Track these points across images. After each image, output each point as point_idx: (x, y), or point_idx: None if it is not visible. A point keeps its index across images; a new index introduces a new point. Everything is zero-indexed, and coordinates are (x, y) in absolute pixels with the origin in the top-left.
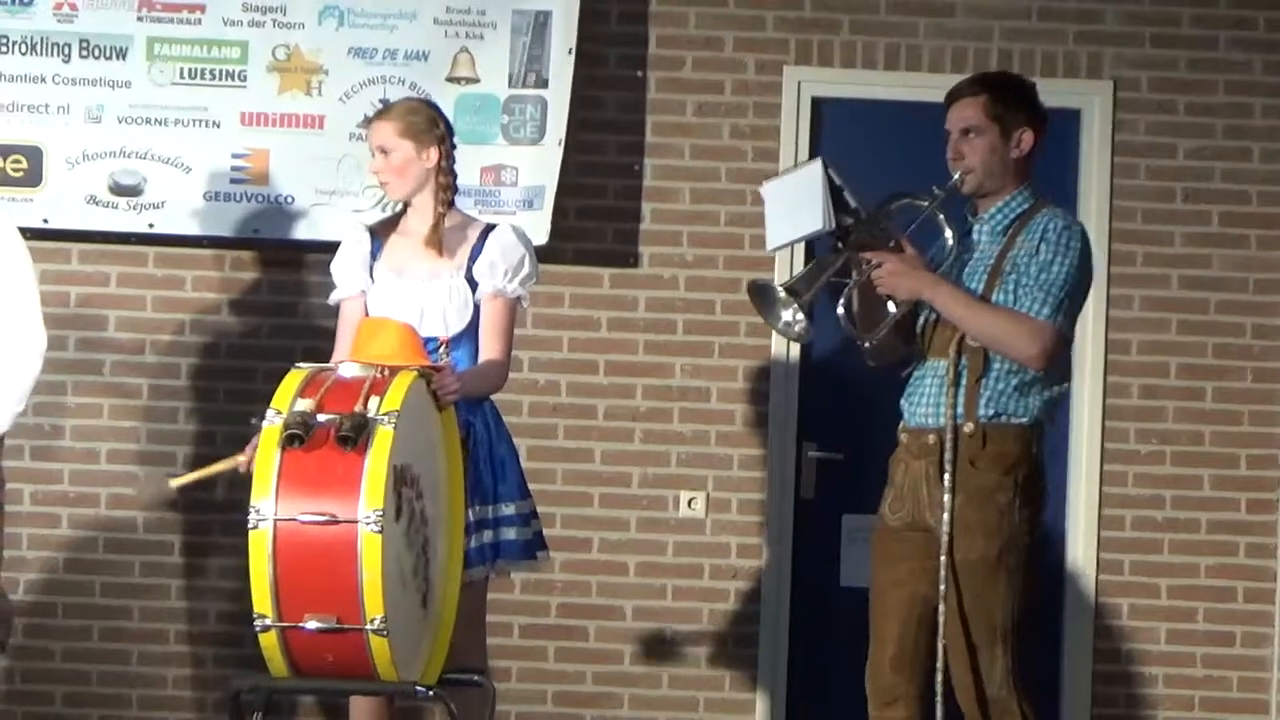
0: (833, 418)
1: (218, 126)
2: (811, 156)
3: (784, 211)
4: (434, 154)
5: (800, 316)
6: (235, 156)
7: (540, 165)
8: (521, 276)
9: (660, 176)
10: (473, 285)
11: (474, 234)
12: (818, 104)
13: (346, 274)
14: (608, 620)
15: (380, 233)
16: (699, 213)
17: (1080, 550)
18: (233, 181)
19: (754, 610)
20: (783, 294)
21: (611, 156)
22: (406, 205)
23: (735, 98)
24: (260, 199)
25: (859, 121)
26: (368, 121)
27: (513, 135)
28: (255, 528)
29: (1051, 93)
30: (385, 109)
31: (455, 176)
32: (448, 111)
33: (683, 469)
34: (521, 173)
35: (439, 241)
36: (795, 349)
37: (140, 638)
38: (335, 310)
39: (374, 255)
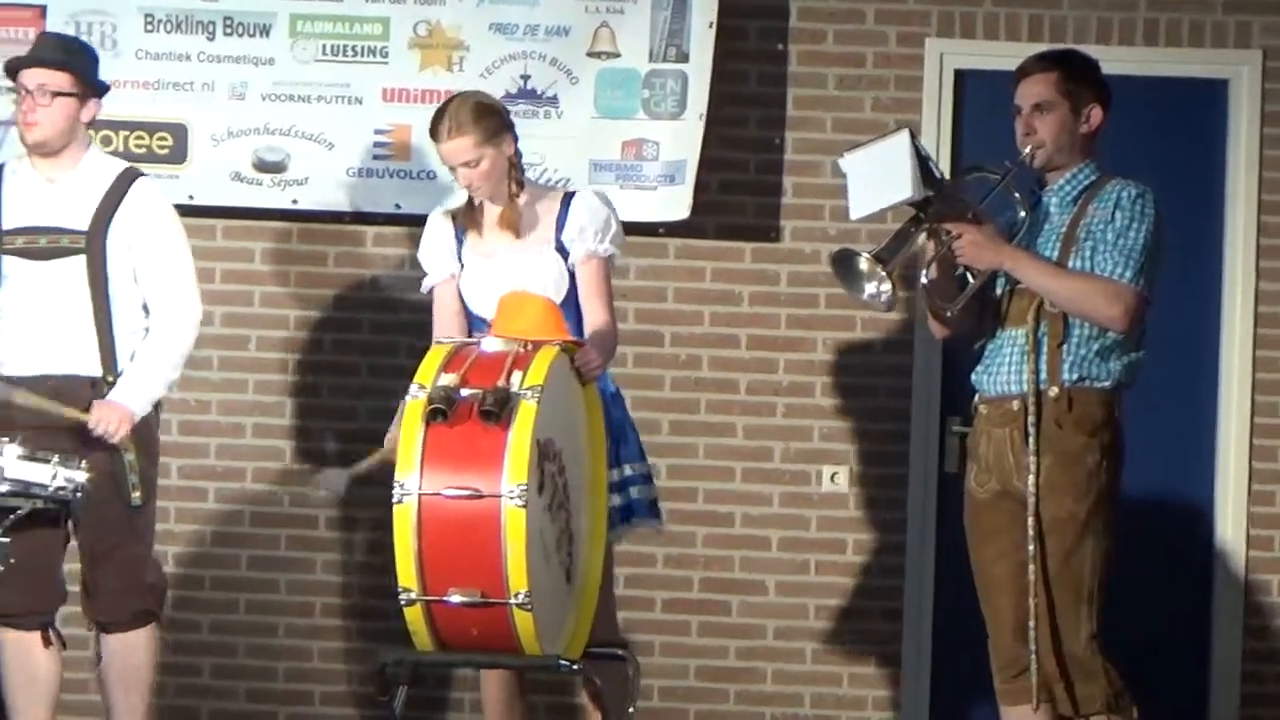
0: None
1: (360, 103)
2: (954, 130)
3: (869, 181)
4: (510, 144)
5: (887, 286)
6: (377, 133)
7: (681, 139)
8: (611, 235)
9: (802, 150)
10: (563, 254)
11: (555, 203)
12: (960, 76)
13: (435, 260)
14: (750, 595)
15: (461, 218)
16: (841, 186)
17: (1230, 527)
18: (375, 157)
19: (897, 585)
20: (867, 264)
21: (753, 130)
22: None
23: (877, 70)
24: (402, 175)
25: (1001, 93)
26: (432, 132)
27: (653, 109)
28: (400, 502)
29: (1198, 63)
30: (447, 125)
31: (521, 155)
32: (589, 86)
33: (825, 443)
34: (663, 147)
35: (516, 223)
36: None
37: (287, 610)
38: None
39: (459, 240)
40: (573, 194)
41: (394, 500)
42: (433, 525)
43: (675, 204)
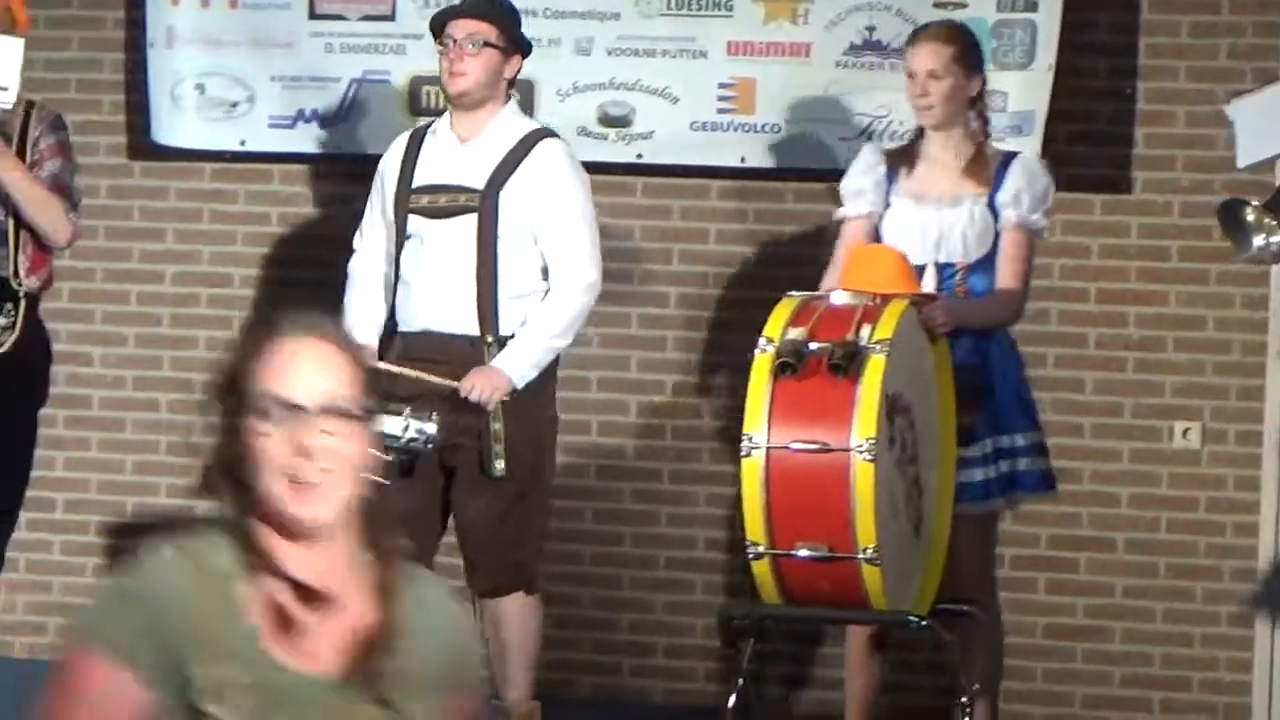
0: None
1: (704, 56)
2: None
3: (1259, 129)
4: (978, 83)
5: (1276, 237)
6: (721, 86)
7: (1030, 90)
8: (1045, 207)
9: (1154, 100)
10: (994, 213)
11: (995, 161)
12: None
13: (858, 193)
14: (1099, 553)
15: (895, 159)
16: (1195, 136)
17: None
18: (719, 111)
19: (1251, 545)
20: (1254, 214)
21: (1103, 80)
22: (921, 132)
23: (1232, 17)
24: (746, 128)
25: None
26: (913, 37)
27: (1001, 60)
28: (748, 455)
29: None
30: (930, 31)
31: (986, 101)
32: None
33: (1177, 399)
34: (1010, 98)
35: (981, 171)
36: None
37: (631, 563)
38: (813, 241)
39: (890, 179)
40: (1014, 154)
41: (742, 454)
42: (780, 479)
43: None
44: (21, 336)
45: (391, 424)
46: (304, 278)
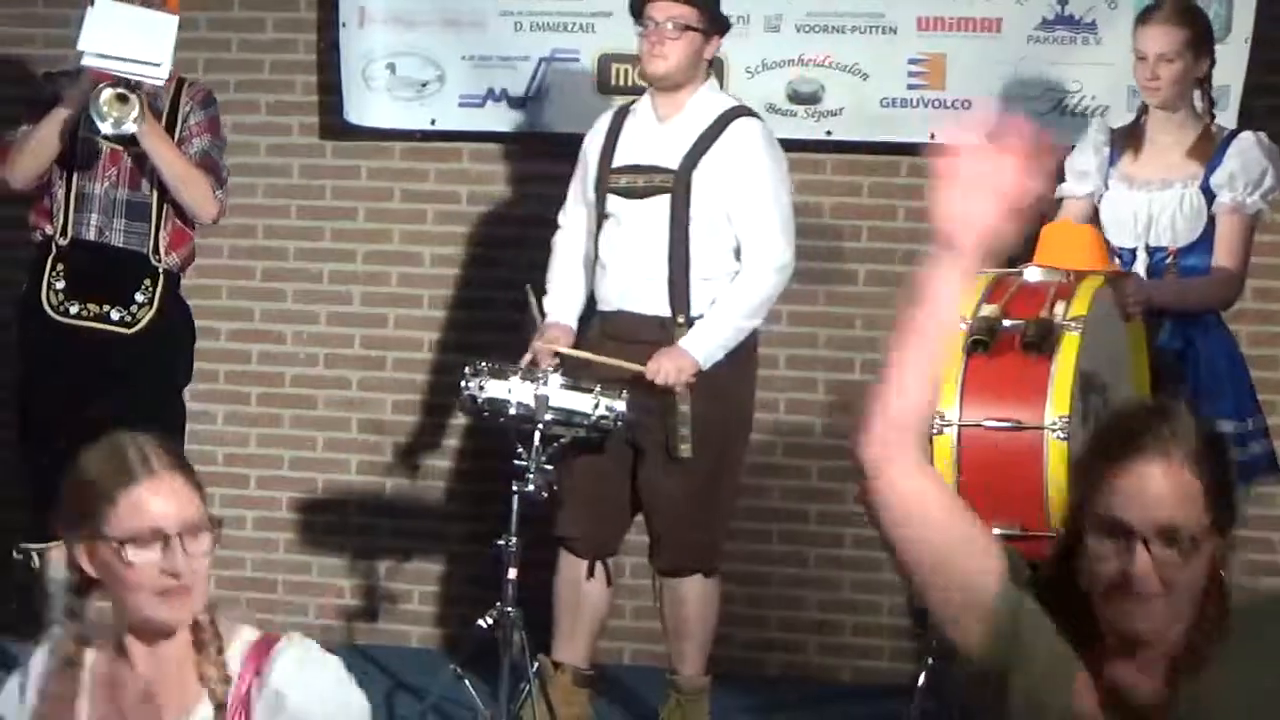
0: None
1: (894, 32)
2: None
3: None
4: (1206, 64)
5: None
6: (911, 62)
7: (1226, 63)
8: (1263, 190)
9: None
10: (1208, 196)
11: (1218, 140)
12: None
13: (1083, 174)
14: None
15: (1120, 140)
16: None
17: None
18: (909, 87)
19: None
20: None
21: None
22: (1145, 109)
23: None
24: (936, 104)
25: None
26: (1144, 17)
27: None
28: (939, 433)
29: None
30: (1164, 12)
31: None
32: (1128, 11)
33: None
34: None
35: (1204, 151)
36: None
37: (819, 541)
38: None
39: (1111, 160)
40: (1234, 134)
41: (933, 431)
42: (972, 457)
43: None
44: (159, 315)
45: (582, 402)
46: (493, 256)
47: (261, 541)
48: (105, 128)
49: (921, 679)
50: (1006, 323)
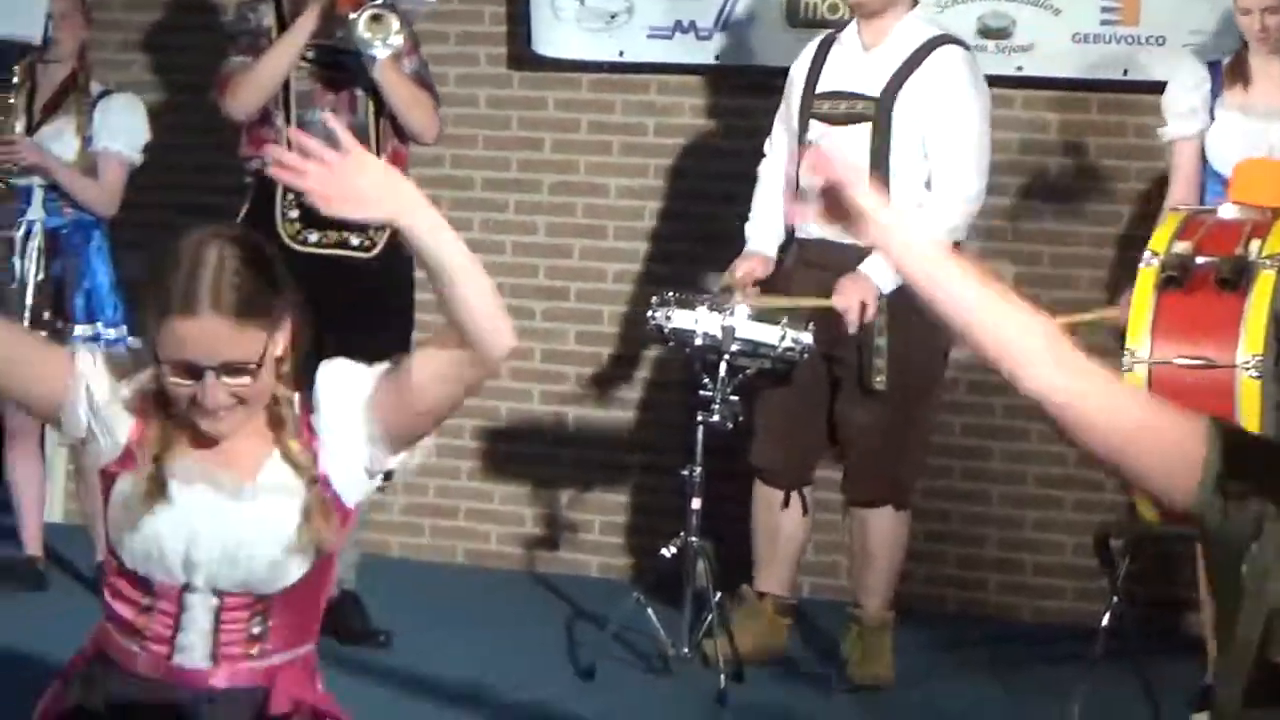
0: None
1: None
2: None
3: None
4: None
5: None
6: None
7: None
8: None
9: None
10: None
11: None
12: None
13: (1190, 112)
14: None
15: (1222, 74)
16: None
17: None
18: (1102, 23)
19: None
20: None
21: None
22: (1244, 46)
23: None
24: (1129, 40)
25: None
26: None
27: None
28: (1129, 370)
29: None
30: None
31: None
32: None
33: None
34: None
35: None
36: None
37: (1000, 479)
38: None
39: (1214, 92)
40: None
41: (1123, 368)
42: (1163, 394)
43: None
44: (393, 235)
45: (768, 334)
46: (679, 188)
47: (445, 469)
48: (378, 51)
49: (1105, 619)
50: (1200, 260)
